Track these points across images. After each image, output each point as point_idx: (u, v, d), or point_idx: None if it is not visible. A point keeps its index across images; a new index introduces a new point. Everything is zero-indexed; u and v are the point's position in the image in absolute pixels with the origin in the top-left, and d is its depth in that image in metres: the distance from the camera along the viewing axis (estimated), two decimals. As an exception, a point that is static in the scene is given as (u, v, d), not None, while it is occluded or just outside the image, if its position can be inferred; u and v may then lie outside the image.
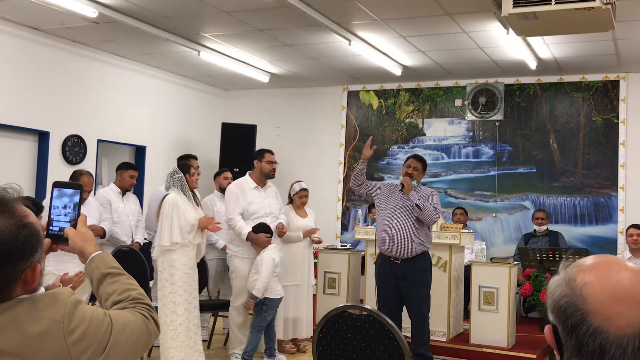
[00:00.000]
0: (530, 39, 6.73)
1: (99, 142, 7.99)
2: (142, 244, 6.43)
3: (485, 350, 6.10)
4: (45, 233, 1.65)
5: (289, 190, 6.36)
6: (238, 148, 8.95)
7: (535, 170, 8.45)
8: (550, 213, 8.14)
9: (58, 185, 1.77)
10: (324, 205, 9.12)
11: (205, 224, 5.19)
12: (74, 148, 7.58)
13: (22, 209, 1.41)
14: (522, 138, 8.55)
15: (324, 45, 7.34)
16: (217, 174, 7.17)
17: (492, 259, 6.69)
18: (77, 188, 1.77)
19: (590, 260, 1.17)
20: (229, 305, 5.81)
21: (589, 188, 8.15)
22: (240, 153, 8.88)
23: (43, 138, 7.34)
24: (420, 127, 9.11)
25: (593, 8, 4.82)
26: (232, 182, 6.86)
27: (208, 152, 9.40)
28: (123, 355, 1.51)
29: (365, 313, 2.80)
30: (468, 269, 6.58)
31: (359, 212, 8.06)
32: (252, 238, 5.57)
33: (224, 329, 6.71)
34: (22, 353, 1.34)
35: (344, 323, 2.81)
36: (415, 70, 8.33)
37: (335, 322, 2.83)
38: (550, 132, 8.39)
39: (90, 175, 5.85)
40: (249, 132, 9.11)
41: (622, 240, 7.69)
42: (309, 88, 9.66)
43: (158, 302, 5.11)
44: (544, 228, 7.82)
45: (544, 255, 6.10)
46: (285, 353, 6.02)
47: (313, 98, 9.70)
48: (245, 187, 5.80)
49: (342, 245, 7.18)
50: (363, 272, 6.91)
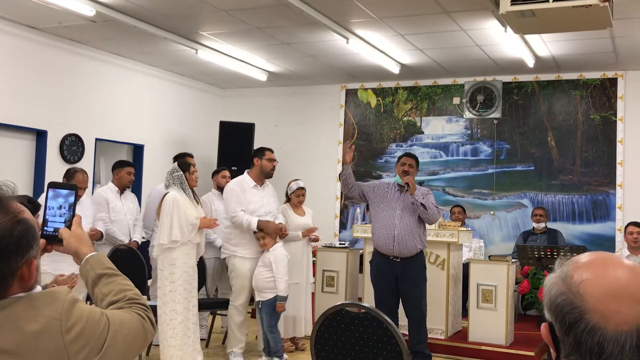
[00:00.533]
0: (528, 37, 6.73)
1: (97, 140, 7.98)
2: (140, 243, 6.42)
3: (484, 348, 6.10)
4: (40, 234, 1.65)
5: (286, 189, 6.36)
6: (236, 146, 8.94)
7: (534, 168, 8.45)
8: (549, 211, 8.15)
9: (53, 186, 1.77)
10: (322, 204, 9.11)
11: (207, 225, 5.20)
12: (72, 147, 7.57)
13: (16, 205, 1.41)
14: (520, 136, 8.55)
15: (322, 44, 7.34)
16: (215, 173, 7.16)
17: (490, 257, 6.70)
18: (72, 189, 1.78)
19: (587, 258, 1.16)
20: (229, 304, 5.81)
21: (587, 186, 8.15)
22: (238, 151, 8.87)
23: (41, 137, 7.33)
24: (419, 125, 9.10)
25: (591, 6, 4.82)
26: (230, 180, 6.87)
27: (206, 150, 9.40)
28: (120, 355, 1.51)
29: (364, 311, 2.80)
30: (466, 267, 6.58)
31: (357, 210, 8.06)
32: (262, 224, 5.56)
33: (222, 328, 6.71)
34: (19, 351, 1.33)
35: (342, 321, 2.81)
36: (413, 69, 8.33)
37: (334, 320, 2.83)
38: (548, 129, 8.40)
39: (85, 173, 5.79)
40: (247, 130, 9.10)
41: (620, 238, 7.69)
42: (307, 86, 9.66)
43: (157, 300, 5.10)
44: (543, 225, 7.82)
45: (542, 253, 6.11)
46: (284, 351, 6.01)
47: (311, 96, 9.69)
48: (245, 185, 5.79)
49: (340, 244, 7.19)
50: (361, 270, 6.92)
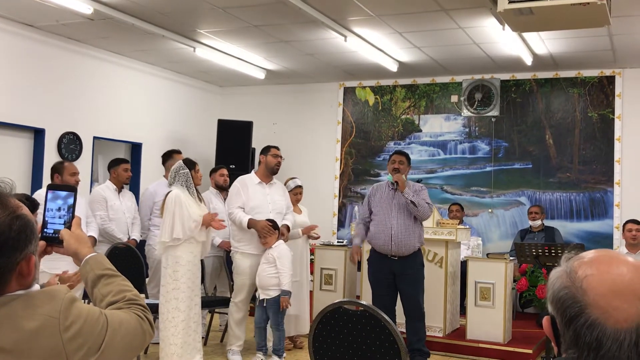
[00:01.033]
0: (526, 35, 6.73)
1: (95, 139, 7.97)
2: (138, 241, 6.42)
3: (482, 346, 6.11)
4: (40, 235, 1.64)
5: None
6: (234, 145, 8.93)
7: (531, 166, 8.46)
8: (546, 209, 8.15)
9: (52, 188, 1.78)
10: (321, 202, 9.12)
11: (209, 220, 5.17)
12: (70, 145, 7.56)
13: (14, 202, 1.41)
14: (518, 134, 8.56)
15: (320, 42, 7.33)
16: (213, 171, 7.15)
17: (488, 255, 6.70)
18: (71, 190, 1.78)
19: (593, 254, 1.17)
20: (229, 301, 5.81)
21: (585, 183, 8.16)
22: (236, 150, 8.87)
23: (39, 135, 7.31)
24: (416, 123, 9.10)
25: (589, 3, 4.82)
26: (227, 179, 6.88)
27: (204, 148, 9.39)
28: (118, 354, 1.51)
29: (362, 309, 2.80)
30: (464, 265, 6.59)
31: (355, 208, 8.06)
32: (252, 223, 5.55)
33: (221, 326, 6.72)
34: (17, 349, 1.33)
35: (340, 319, 2.81)
36: (411, 66, 8.33)
37: (332, 318, 2.83)
38: (546, 127, 8.40)
39: (72, 163, 5.81)
40: (245, 128, 9.09)
41: (617, 236, 7.70)
42: (305, 84, 9.65)
43: (160, 297, 5.09)
44: (539, 223, 7.83)
45: (540, 251, 6.11)
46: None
47: (309, 94, 9.69)
48: (248, 182, 5.80)
49: (338, 242, 7.20)
50: (359, 268, 6.92)
